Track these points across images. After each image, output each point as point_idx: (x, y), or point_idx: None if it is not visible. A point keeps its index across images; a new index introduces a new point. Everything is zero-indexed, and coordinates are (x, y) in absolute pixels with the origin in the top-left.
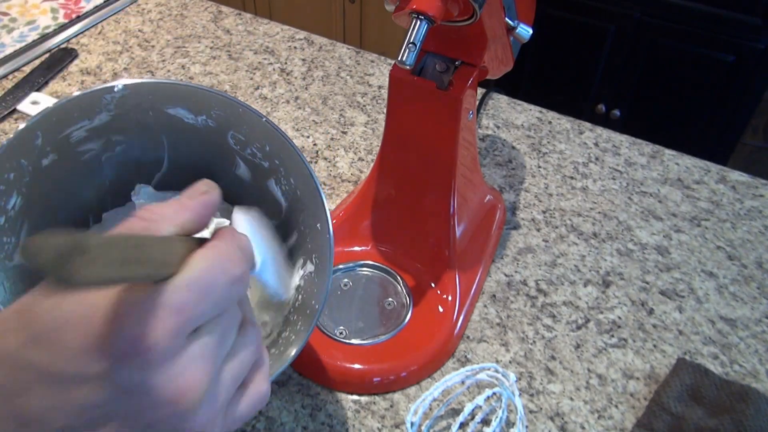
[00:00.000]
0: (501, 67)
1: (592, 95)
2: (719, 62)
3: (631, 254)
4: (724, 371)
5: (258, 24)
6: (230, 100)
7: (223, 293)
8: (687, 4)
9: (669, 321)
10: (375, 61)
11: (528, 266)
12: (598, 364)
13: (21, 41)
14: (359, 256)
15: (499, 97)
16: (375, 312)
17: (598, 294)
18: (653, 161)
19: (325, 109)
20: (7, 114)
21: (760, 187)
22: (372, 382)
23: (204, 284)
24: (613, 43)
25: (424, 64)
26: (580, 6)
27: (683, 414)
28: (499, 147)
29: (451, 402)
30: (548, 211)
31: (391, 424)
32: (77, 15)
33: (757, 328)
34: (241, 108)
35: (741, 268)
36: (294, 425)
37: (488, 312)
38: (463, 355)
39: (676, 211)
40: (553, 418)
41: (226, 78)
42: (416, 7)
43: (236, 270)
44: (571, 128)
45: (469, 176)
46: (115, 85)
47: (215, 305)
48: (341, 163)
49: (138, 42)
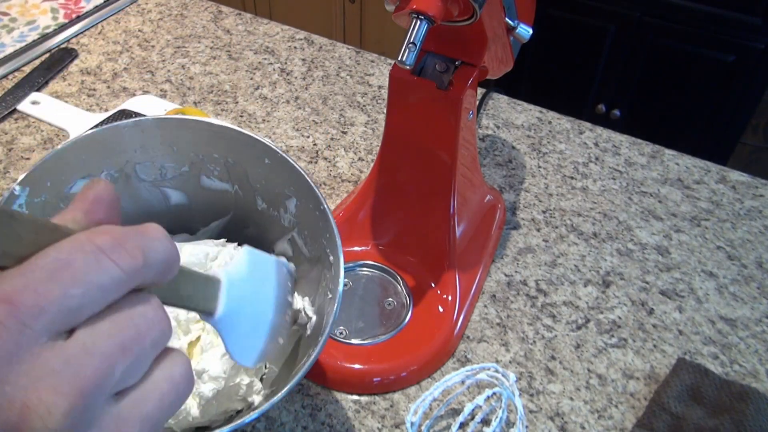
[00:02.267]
0: (501, 67)
1: (592, 95)
2: (719, 62)
3: (631, 254)
4: (724, 371)
5: (258, 24)
6: (110, 127)
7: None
8: (687, 4)
9: (669, 321)
10: (375, 61)
11: (528, 266)
12: (598, 364)
13: (21, 41)
14: (359, 256)
15: (499, 97)
16: (375, 312)
17: (598, 294)
18: (653, 161)
19: (325, 109)
20: (7, 114)
21: (760, 187)
22: (372, 382)
23: (49, 269)
24: (613, 43)
25: (424, 64)
26: (580, 6)
27: (683, 414)
28: (499, 147)
29: (451, 402)
30: (548, 211)
31: (391, 424)
32: (77, 15)
33: (757, 328)
34: (120, 129)
35: (741, 268)
36: (294, 425)
37: (488, 312)
38: (463, 355)
39: (676, 211)
40: (553, 418)
41: (226, 78)
42: (416, 7)
43: (105, 264)
44: (571, 128)
45: (469, 176)
46: (13, 189)
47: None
48: (341, 163)
49: (138, 42)
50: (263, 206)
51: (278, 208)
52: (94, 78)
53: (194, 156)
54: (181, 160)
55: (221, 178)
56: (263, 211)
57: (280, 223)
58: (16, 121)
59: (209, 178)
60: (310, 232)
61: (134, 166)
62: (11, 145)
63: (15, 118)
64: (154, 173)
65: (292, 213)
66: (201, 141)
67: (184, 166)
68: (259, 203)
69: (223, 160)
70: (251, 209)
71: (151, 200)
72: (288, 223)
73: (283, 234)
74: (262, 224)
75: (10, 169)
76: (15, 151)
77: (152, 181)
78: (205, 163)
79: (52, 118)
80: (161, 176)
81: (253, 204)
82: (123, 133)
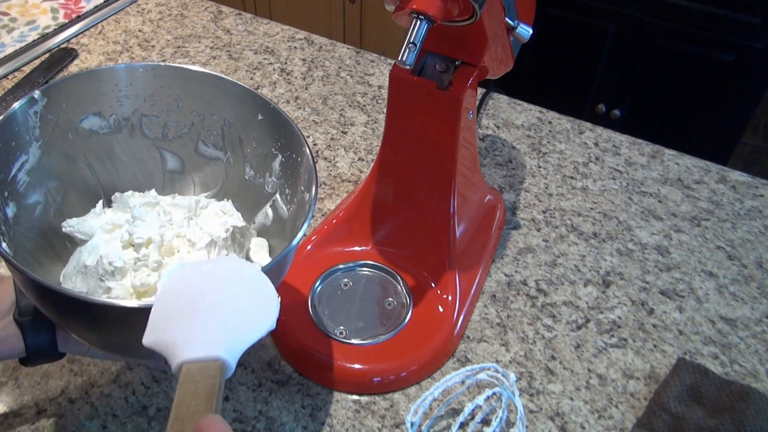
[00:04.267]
0: (501, 67)
1: (592, 95)
2: (719, 62)
3: (631, 254)
4: (724, 371)
5: (258, 24)
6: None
7: None
8: (687, 4)
9: (669, 321)
10: (375, 61)
11: (528, 266)
12: (598, 364)
13: (21, 41)
14: (359, 256)
15: (499, 97)
16: (375, 312)
17: (598, 294)
18: (653, 161)
19: (325, 109)
20: None
21: (760, 187)
22: (372, 382)
23: None
24: (613, 43)
25: (424, 64)
26: (580, 6)
27: (683, 414)
28: (499, 147)
29: (451, 402)
30: (548, 211)
31: (391, 424)
32: (77, 15)
33: (757, 328)
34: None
35: (741, 268)
36: (294, 425)
37: (488, 312)
38: (463, 355)
39: (676, 211)
40: (553, 418)
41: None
42: (416, 7)
43: None
44: (571, 128)
45: (469, 176)
46: (34, 94)
47: None
48: (341, 163)
49: (138, 42)
50: (251, 174)
51: (264, 174)
52: None
53: (195, 116)
54: (184, 120)
55: (216, 145)
56: (250, 179)
57: (265, 189)
58: None
59: (205, 144)
60: (291, 188)
61: (141, 117)
62: None
63: None
64: (157, 131)
65: (276, 173)
66: (205, 96)
67: (185, 127)
68: (247, 171)
69: (221, 123)
70: (239, 179)
71: (149, 161)
72: (271, 188)
73: (267, 200)
74: (248, 195)
75: None
76: None
77: (154, 139)
78: (205, 127)
79: None
80: (163, 136)
81: (241, 173)
82: (139, 74)
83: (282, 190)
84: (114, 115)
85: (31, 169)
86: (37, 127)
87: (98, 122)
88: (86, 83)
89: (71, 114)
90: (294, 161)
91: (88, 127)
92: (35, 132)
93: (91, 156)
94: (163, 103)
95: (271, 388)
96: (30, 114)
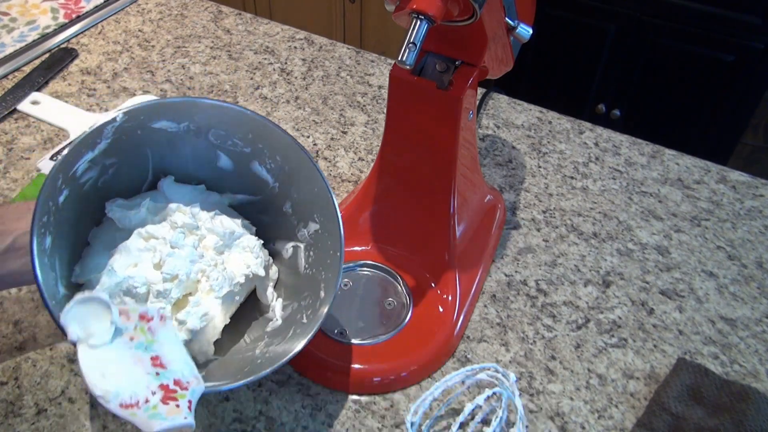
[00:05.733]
0: (501, 67)
1: (592, 95)
2: (719, 62)
3: (631, 254)
4: (724, 371)
5: (258, 24)
6: (215, 103)
7: None
8: (687, 4)
9: (669, 321)
10: (375, 61)
11: (528, 266)
12: (598, 364)
13: (21, 41)
14: (359, 256)
15: (499, 97)
16: (375, 312)
17: (598, 294)
18: (653, 161)
19: (325, 109)
20: (7, 114)
21: (760, 187)
22: (372, 382)
23: None
24: (613, 43)
25: (424, 64)
26: (580, 6)
27: (683, 414)
28: (499, 147)
29: (451, 402)
30: (548, 211)
31: (391, 424)
32: (77, 15)
33: (757, 328)
34: (223, 108)
35: (741, 268)
36: (294, 425)
37: (488, 312)
38: (463, 355)
39: (676, 211)
40: (553, 418)
41: (226, 78)
42: (416, 7)
43: None
44: (571, 128)
45: (469, 176)
46: (116, 115)
47: None
48: (341, 163)
49: (138, 42)
50: (289, 211)
51: (300, 222)
52: (94, 78)
53: (261, 147)
54: (250, 144)
55: (269, 172)
56: (287, 213)
57: (295, 232)
58: (16, 121)
59: (261, 165)
60: (315, 258)
61: (210, 128)
62: (11, 145)
63: (15, 118)
64: (221, 140)
65: (309, 233)
66: (277, 146)
67: (248, 147)
68: (287, 207)
69: (281, 166)
70: (278, 206)
71: (204, 156)
72: (301, 236)
73: (292, 240)
74: (280, 221)
75: (10, 169)
76: (15, 151)
77: (217, 144)
78: (265, 155)
79: (52, 118)
80: (224, 143)
81: (282, 204)
82: (225, 112)
83: (308, 248)
84: (187, 122)
85: (93, 158)
86: (110, 133)
87: (168, 124)
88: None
89: (147, 120)
90: (325, 246)
91: (158, 127)
92: (107, 133)
93: (153, 144)
94: (236, 130)
95: (271, 388)
96: (108, 128)
